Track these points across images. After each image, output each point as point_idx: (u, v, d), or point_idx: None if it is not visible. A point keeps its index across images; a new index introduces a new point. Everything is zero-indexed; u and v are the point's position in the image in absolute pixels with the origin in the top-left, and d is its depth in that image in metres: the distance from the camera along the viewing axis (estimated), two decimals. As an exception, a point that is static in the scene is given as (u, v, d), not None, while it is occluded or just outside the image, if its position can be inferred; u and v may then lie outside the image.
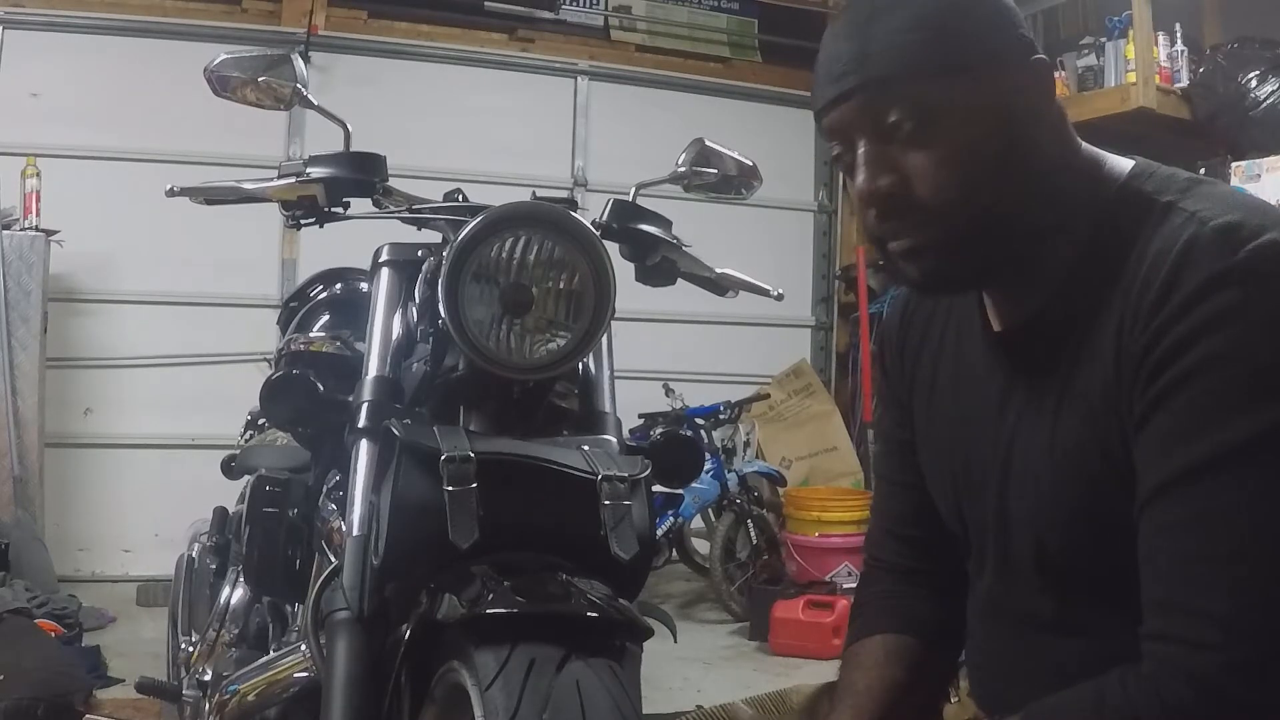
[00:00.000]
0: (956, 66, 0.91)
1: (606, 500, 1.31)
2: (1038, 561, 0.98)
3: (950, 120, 0.91)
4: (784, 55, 5.96)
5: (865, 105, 0.93)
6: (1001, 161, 0.92)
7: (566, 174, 5.49)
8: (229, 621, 1.97)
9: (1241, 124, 4.22)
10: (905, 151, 0.92)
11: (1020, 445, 0.99)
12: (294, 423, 1.58)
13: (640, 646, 1.23)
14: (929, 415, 1.13)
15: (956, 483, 1.09)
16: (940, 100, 0.91)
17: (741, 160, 1.85)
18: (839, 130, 0.96)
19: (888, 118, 0.92)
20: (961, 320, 1.10)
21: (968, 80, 0.91)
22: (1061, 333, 0.95)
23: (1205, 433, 0.81)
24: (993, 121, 0.92)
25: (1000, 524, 1.02)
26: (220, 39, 4.63)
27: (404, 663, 1.26)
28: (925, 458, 1.15)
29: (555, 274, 1.38)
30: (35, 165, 4.36)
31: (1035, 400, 0.97)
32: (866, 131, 0.94)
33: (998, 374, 1.03)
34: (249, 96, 1.62)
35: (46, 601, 3.75)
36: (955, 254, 0.93)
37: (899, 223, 0.94)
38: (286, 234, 4.89)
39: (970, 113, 0.91)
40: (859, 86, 0.93)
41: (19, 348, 4.24)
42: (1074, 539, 0.94)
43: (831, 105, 0.96)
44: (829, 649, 3.92)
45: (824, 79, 0.97)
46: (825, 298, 6.11)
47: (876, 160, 0.93)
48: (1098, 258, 0.92)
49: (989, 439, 1.03)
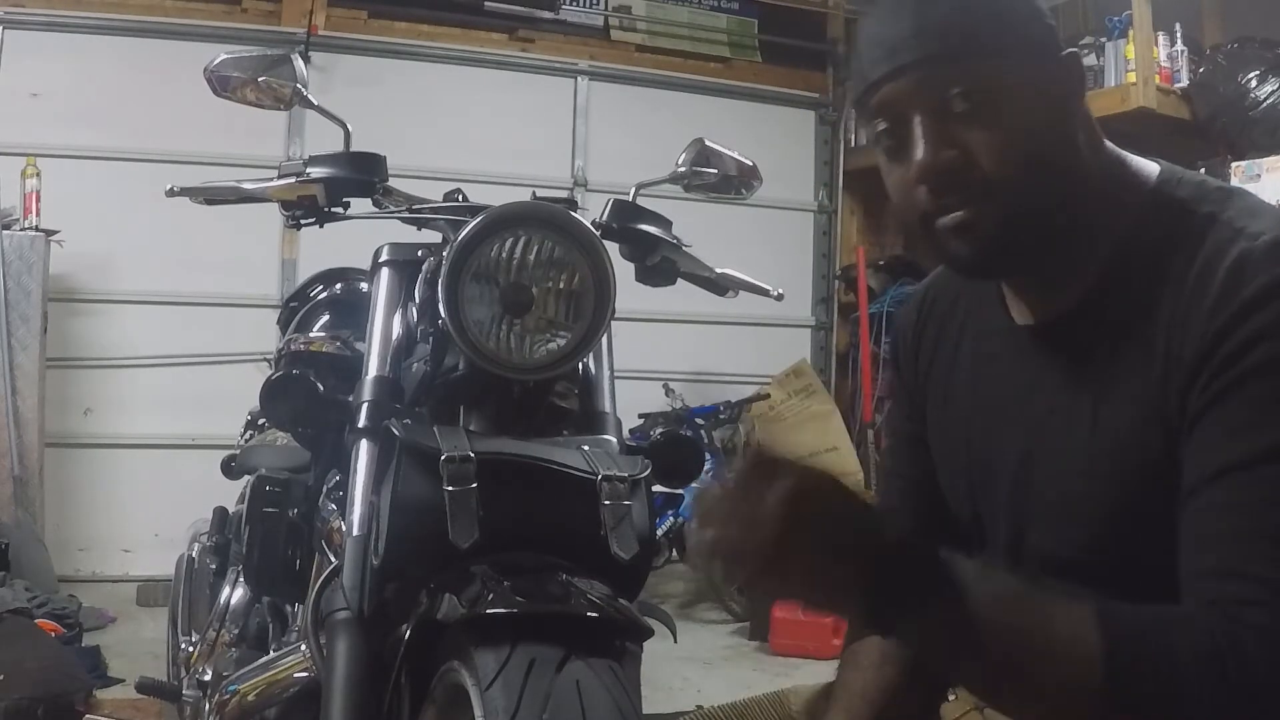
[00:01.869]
0: (1008, 49, 0.94)
1: (606, 500, 1.31)
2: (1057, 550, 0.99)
3: (1007, 99, 0.93)
4: (784, 55, 5.96)
5: (925, 80, 0.93)
6: (1051, 145, 0.95)
7: (566, 174, 5.48)
8: (229, 621, 1.97)
9: (1241, 124, 4.22)
10: (967, 127, 0.93)
11: (1050, 436, 1.00)
12: (294, 423, 1.58)
13: (640, 646, 1.23)
14: (944, 408, 1.14)
15: (971, 473, 1.10)
16: (998, 79, 0.93)
17: (741, 160, 1.85)
18: (891, 105, 0.96)
19: (949, 92, 0.93)
20: (980, 316, 1.11)
21: (1018, 63, 0.94)
22: (1098, 330, 0.97)
23: (1266, 425, 0.85)
24: (1041, 106, 0.94)
25: (1019, 512, 1.03)
26: (220, 39, 4.63)
27: (404, 663, 1.26)
28: (938, 449, 1.16)
29: (555, 274, 1.38)
30: (35, 165, 4.35)
31: (1068, 394, 0.99)
32: (925, 106, 0.94)
33: (1022, 367, 1.04)
34: (249, 96, 1.62)
35: (46, 601, 3.75)
36: (1006, 232, 0.95)
37: (956, 197, 0.95)
38: (286, 234, 4.89)
39: (1023, 94, 0.94)
40: (919, 61, 0.93)
41: (19, 348, 4.24)
42: (1101, 529, 0.96)
43: (884, 80, 0.95)
44: (829, 649, 3.92)
45: (874, 55, 0.96)
46: (825, 298, 6.11)
47: (937, 134, 0.94)
48: (1137, 261, 0.95)
49: (1010, 430, 1.04)
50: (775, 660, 3.95)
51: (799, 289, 5.88)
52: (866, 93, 0.97)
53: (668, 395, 4.87)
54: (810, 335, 6.10)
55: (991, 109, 0.93)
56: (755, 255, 4.56)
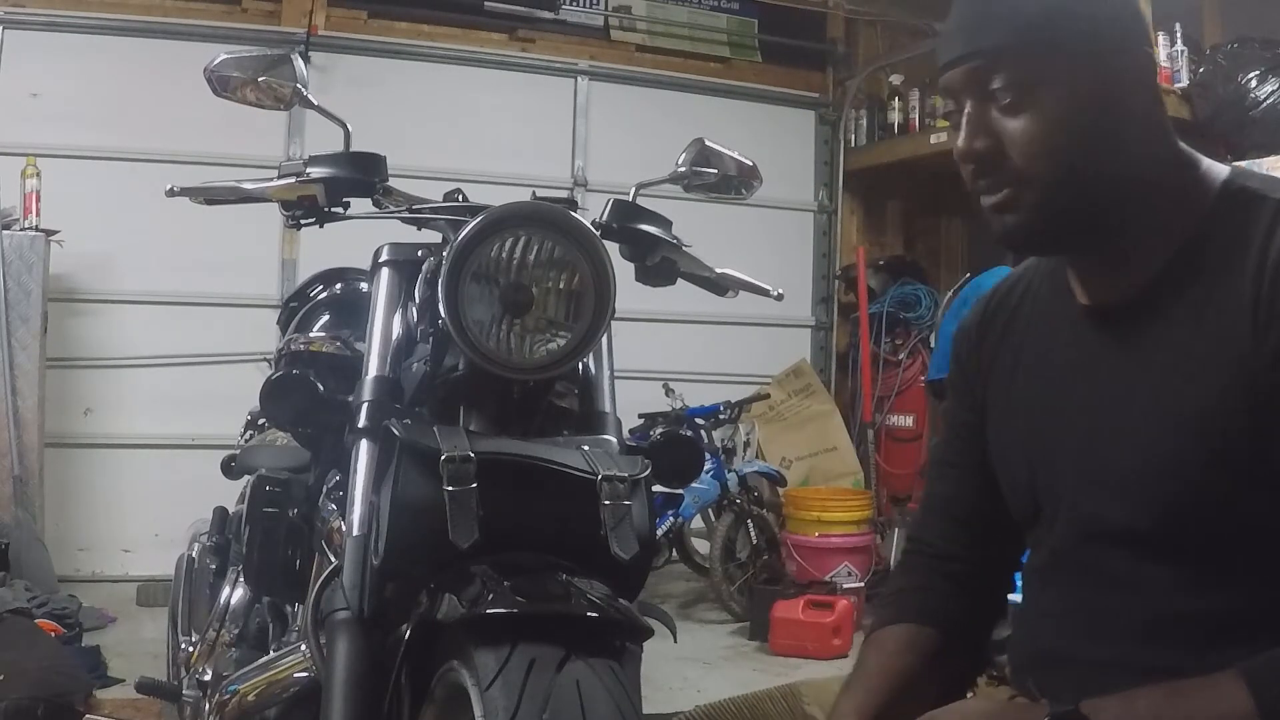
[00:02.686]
0: (1064, 44, 0.98)
1: (606, 500, 1.31)
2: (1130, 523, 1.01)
3: (1049, 95, 0.98)
4: (784, 55, 5.96)
5: (973, 71, 1.01)
6: (1092, 139, 0.99)
7: (566, 174, 5.48)
8: (229, 621, 1.97)
9: (1241, 124, 4.22)
10: (1004, 117, 1.00)
11: (1121, 412, 1.03)
12: (294, 423, 1.58)
13: (640, 646, 1.23)
14: (1007, 393, 1.17)
15: (1031, 453, 1.12)
16: (1042, 75, 0.98)
17: (741, 160, 1.85)
18: (950, 90, 1.04)
19: (991, 84, 1.00)
20: (1046, 304, 1.15)
21: (1072, 59, 0.98)
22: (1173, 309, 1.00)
23: None
24: (1088, 101, 0.99)
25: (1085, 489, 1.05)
26: (220, 39, 4.64)
27: (404, 663, 1.25)
28: (996, 430, 1.18)
29: (555, 274, 1.38)
30: (35, 165, 4.36)
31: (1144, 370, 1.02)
32: (971, 95, 1.02)
33: (1089, 346, 1.07)
34: (249, 96, 1.62)
35: (46, 601, 3.75)
36: (1039, 215, 1.01)
37: (991, 180, 1.02)
38: (286, 234, 4.89)
39: (1069, 90, 0.98)
40: (971, 54, 1.01)
41: (19, 348, 4.24)
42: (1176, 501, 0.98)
43: (947, 66, 1.03)
44: (829, 649, 3.93)
45: (946, 40, 1.05)
46: (825, 298, 6.11)
47: (977, 123, 1.01)
48: (1213, 245, 0.99)
49: (1077, 408, 1.07)
50: (775, 660, 3.95)
51: (799, 289, 5.89)
52: (939, 74, 1.06)
53: (668, 395, 4.87)
54: (810, 335, 6.10)
55: (1030, 103, 0.98)
56: (755, 255, 4.58)
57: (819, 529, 4.60)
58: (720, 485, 4.62)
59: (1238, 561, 0.95)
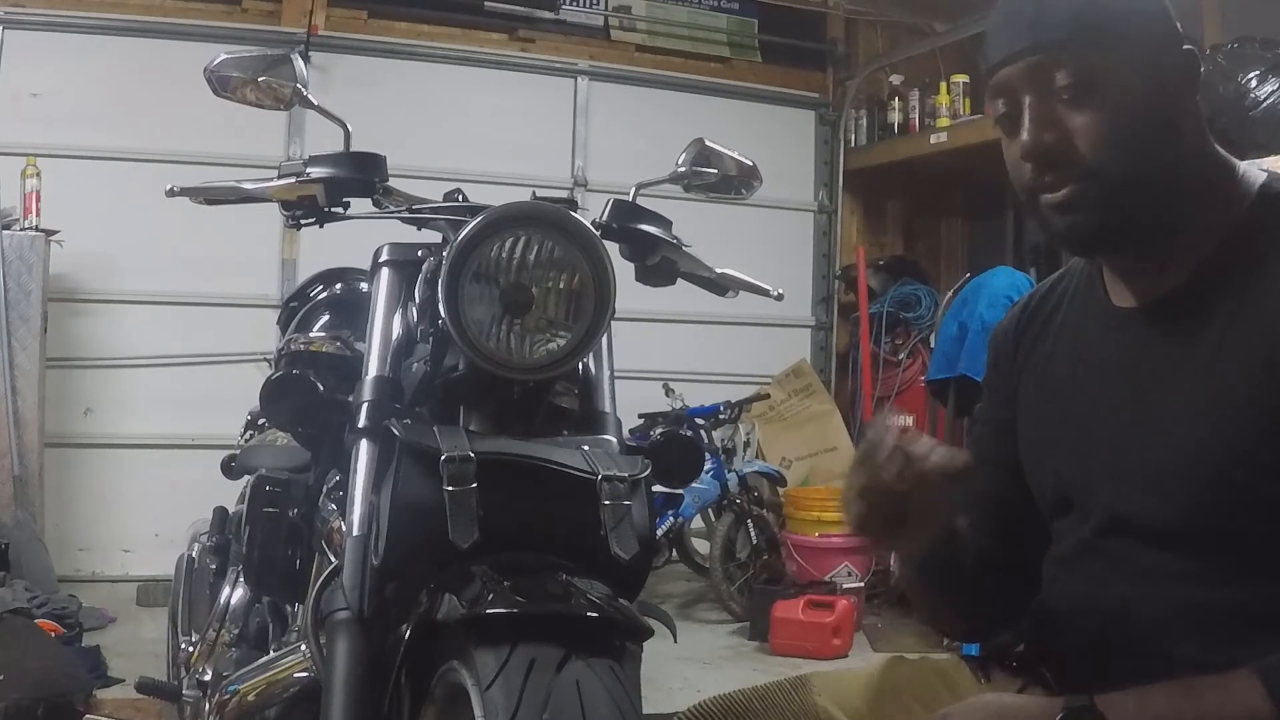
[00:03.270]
0: (1124, 38, 0.99)
1: (606, 500, 1.31)
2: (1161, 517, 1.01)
3: (1112, 88, 0.99)
4: (784, 55, 5.96)
5: (1036, 66, 1.00)
6: (1155, 132, 1.00)
7: (566, 174, 5.48)
8: (229, 621, 1.97)
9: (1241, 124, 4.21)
10: (1070, 111, 1.00)
11: (1155, 407, 1.03)
12: (294, 423, 1.58)
13: (640, 646, 1.23)
14: (1040, 388, 1.18)
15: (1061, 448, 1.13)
16: (1107, 67, 0.98)
17: (741, 160, 1.85)
18: (1007, 87, 1.03)
19: (1056, 79, 0.99)
20: (1081, 304, 1.16)
21: (1131, 53, 0.99)
22: (1210, 307, 1.00)
23: None
24: (1150, 95, 1.00)
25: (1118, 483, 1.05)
26: (220, 39, 4.63)
27: (404, 663, 1.25)
28: (1026, 424, 1.19)
29: (555, 274, 1.38)
30: (35, 165, 4.35)
31: (1177, 368, 1.02)
32: (1034, 90, 1.01)
33: (1124, 344, 1.08)
34: (249, 96, 1.62)
35: (46, 601, 3.75)
36: (1105, 211, 1.01)
37: (1057, 176, 1.01)
38: (286, 234, 4.89)
39: (1132, 83, 0.99)
40: (1032, 47, 1.00)
41: (19, 348, 4.24)
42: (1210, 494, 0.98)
43: (1003, 63, 1.02)
44: (829, 649, 3.93)
45: (998, 37, 1.03)
46: (825, 298, 6.11)
47: (1042, 117, 1.00)
48: (1249, 246, 1.00)
49: (1110, 404, 1.07)
50: (775, 660, 3.94)
51: (799, 289, 5.88)
52: (988, 73, 1.04)
53: (668, 395, 4.87)
54: (810, 335, 6.10)
55: (1097, 96, 0.99)
56: (755, 255, 4.57)
57: (819, 529, 4.60)
58: (720, 485, 4.62)
59: (1262, 557, 0.96)
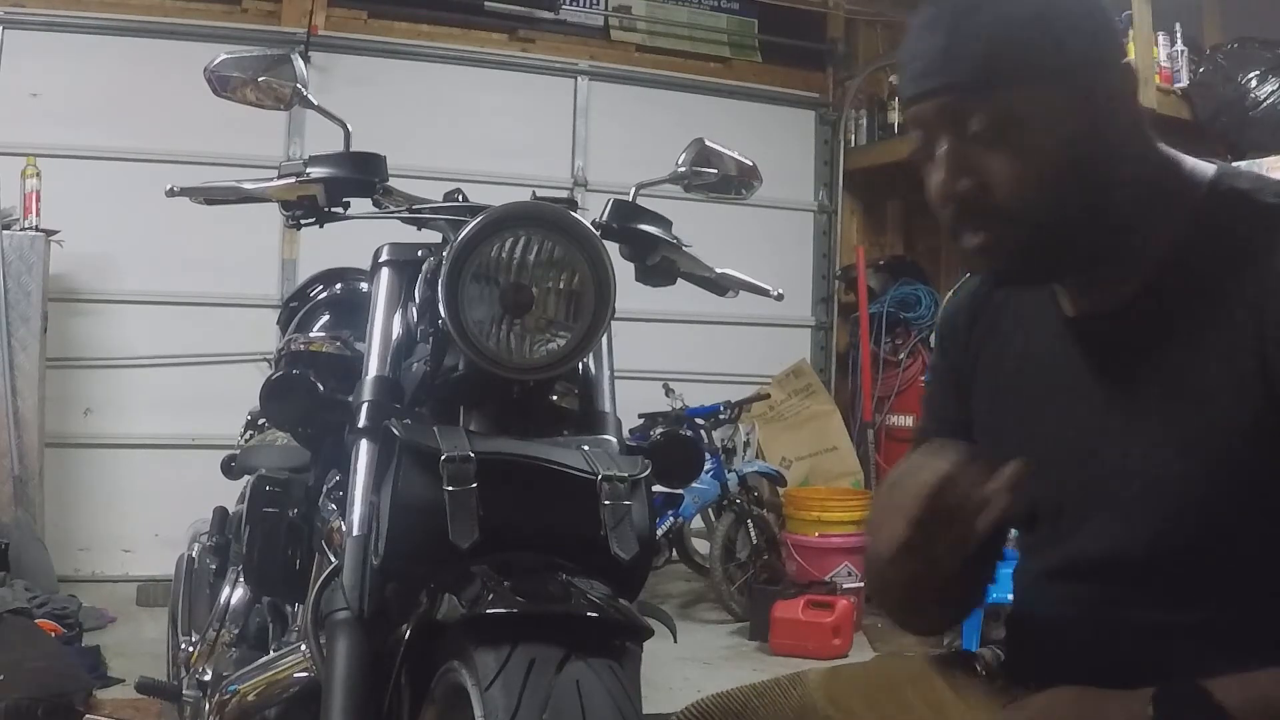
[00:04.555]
0: (1043, 72, 0.92)
1: (606, 500, 1.31)
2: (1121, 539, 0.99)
3: (1032, 127, 0.92)
4: (784, 55, 5.96)
5: (947, 107, 0.94)
6: (1080, 166, 0.93)
7: (566, 174, 5.48)
8: (229, 621, 1.97)
9: (1241, 124, 4.21)
10: (984, 155, 0.93)
11: (1116, 426, 0.99)
12: (294, 423, 1.58)
13: (640, 646, 1.23)
14: (990, 403, 1.14)
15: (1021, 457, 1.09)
16: (1023, 107, 0.92)
17: (741, 160, 1.85)
18: (921, 124, 0.97)
19: (969, 122, 0.93)
20: (1030, 312, 1.11)
21: (1053, 86, 0.92)
22: (1162, 319, 0.96)
23: None
24: (1075, 127, 0.93)
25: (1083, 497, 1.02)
26: (220, 39, 4.63)
27: (404, 663, 1.26)
28: (982, 433, 1.15)
29: (555, 274, 1.38)
30: (35, 165, 4.36)
31: (1134, 384, 0.98)
32: (947, 131, 0.95)
33: (1075, 360, 1.04)
34: (249, 96, 1.62)
35: (46, 601, 3.75)
36: (1027, 254, 0.96)
37: (974, 222, 0.96)
38: (286, 234, 4.89)
39: (1052, 120, 0.92)
40: (943, 88, 0.94)
41: (19, 348, 4.24)
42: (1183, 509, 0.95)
43: (915, 100, 0.97)
44: (829, 649, 3.93)
45: (910, 72, 0.98)
46: (825, 298, 6.11)
47: (956, 161, 0.95)
48: (1204, 249, 0.95)
49: (1064, 421, 1.04)
50: (775, 660, 3.94)
51: (799, 289, 5.88)
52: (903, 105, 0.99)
53: (668, 395, 4.87)
54: (810, 335, 6.10)
55: (1013, 138, 0.92)
56: (755, 255, 4.58)
57: (819, 529, 4.60)
58: (720, 485, 4.62)
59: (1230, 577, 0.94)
